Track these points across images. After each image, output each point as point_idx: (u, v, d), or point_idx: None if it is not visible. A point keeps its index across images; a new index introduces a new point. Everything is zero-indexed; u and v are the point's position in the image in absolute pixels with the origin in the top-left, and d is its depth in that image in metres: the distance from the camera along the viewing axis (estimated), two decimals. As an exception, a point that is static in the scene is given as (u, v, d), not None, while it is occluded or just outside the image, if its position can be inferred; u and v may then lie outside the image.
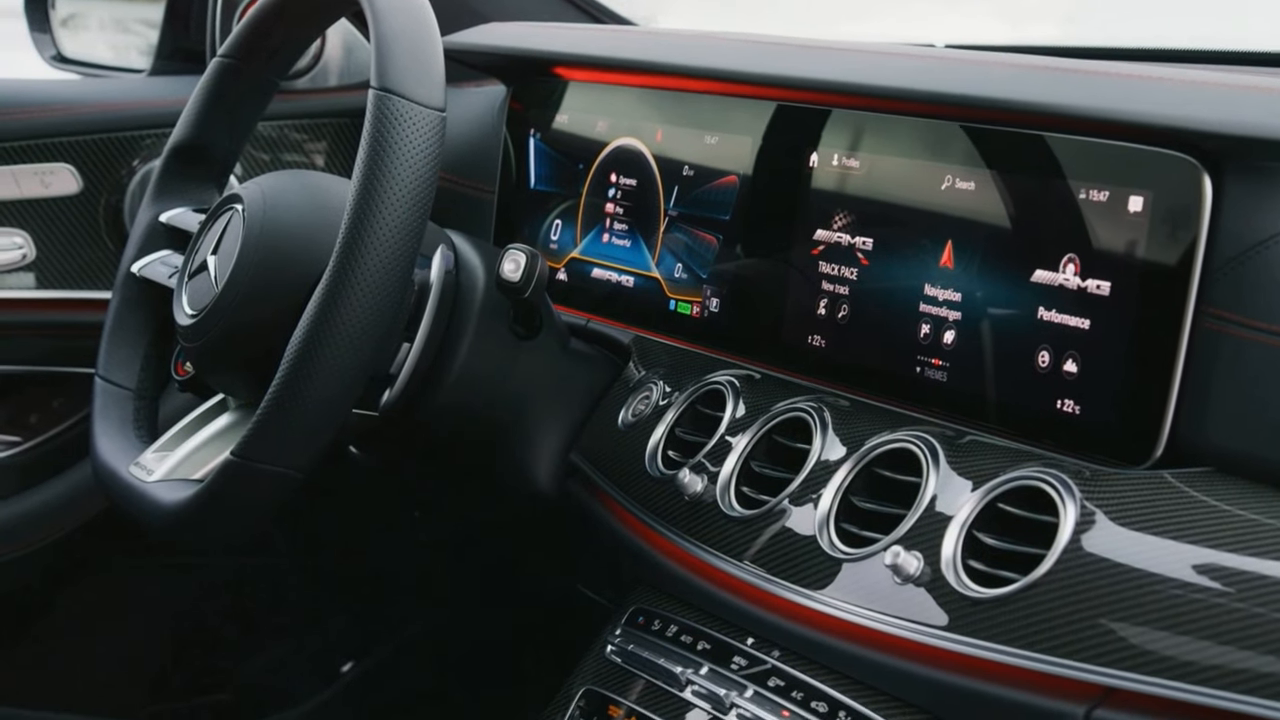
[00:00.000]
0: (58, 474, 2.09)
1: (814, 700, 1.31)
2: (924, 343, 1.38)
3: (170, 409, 1.70)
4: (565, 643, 1.63)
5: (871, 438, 1.37)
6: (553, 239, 1.81)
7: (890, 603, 1.26)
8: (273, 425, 1.36)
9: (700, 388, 1.55)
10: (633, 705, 1.44)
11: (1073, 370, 1.25)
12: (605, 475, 1.58)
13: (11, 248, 2.02)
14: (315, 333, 1.33)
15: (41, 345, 2.07)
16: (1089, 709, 1.12)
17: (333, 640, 2.33)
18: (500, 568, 2.15)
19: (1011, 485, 1.24)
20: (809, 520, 1.36)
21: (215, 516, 1.43)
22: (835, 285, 1.47)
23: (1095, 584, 1.14)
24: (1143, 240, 1.21)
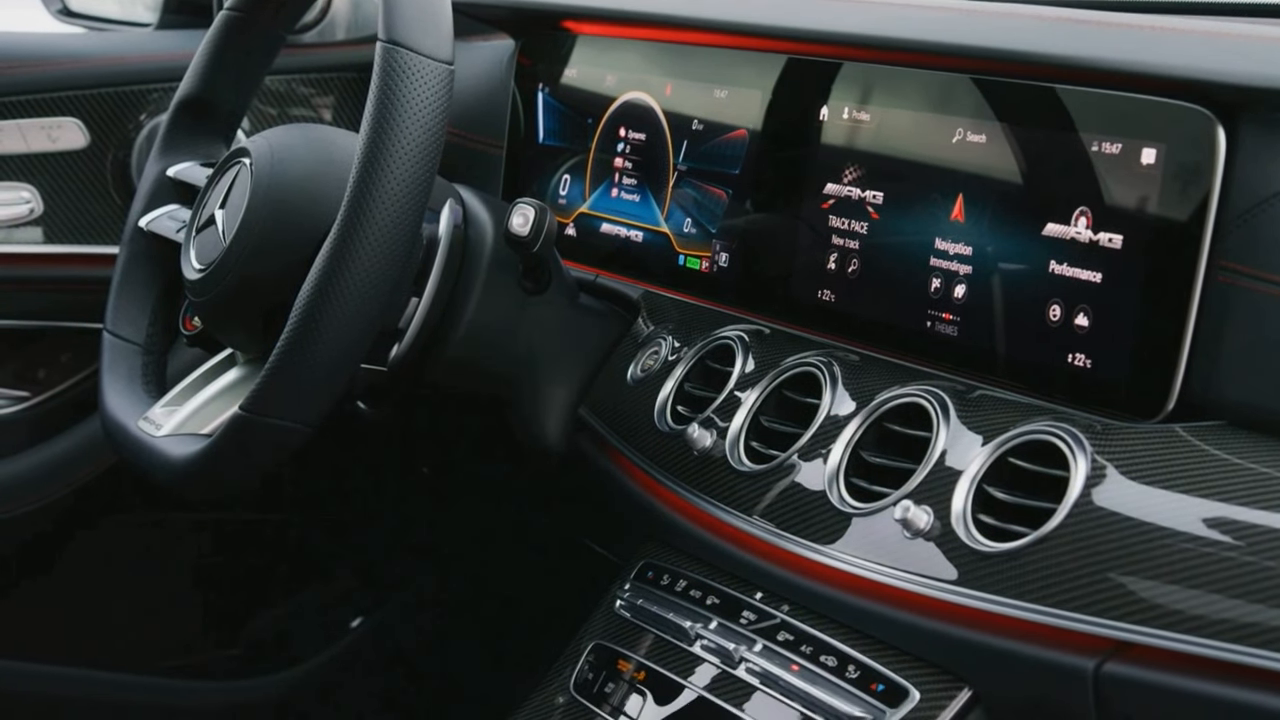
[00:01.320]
0: (66, 429, 2.09)
1: (823, 654, 1.31)
2: (934, 297, 1.37)
3: (178, 364, 1.70)
4: (574, 598, 1.62)
5: (881, 392, 1.36)
6: (561, 194, 1.80)
7: (900, 557, 1.26)
8: (281, 380, 1.36)
9: (709, 343, 1.55)
10: (642, 659, 1.44)
11: (1084, 324, 1.25)
12: (614, 430, 1.58)
13: (19, 202, 2.02)
14: (323, 287, 1.33)
15: (49, 300, 2.07)
16: (1100, 662, 1.12)
17: (342, 595, 2.33)
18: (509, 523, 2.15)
19: (1022, 439, 1.23)
20: (818, 475, 1.36)
21: (224, 471, 1.43)
22: (845, 239, 1.46)
23: (1106, 538, 1.13)
24: (1155, 193, 1.20)
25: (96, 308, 1.70)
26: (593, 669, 1.47)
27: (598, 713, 1.43)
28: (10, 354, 2.09)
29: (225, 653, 2.26)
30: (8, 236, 2.02)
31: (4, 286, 2.04)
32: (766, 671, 1.34)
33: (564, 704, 1.46)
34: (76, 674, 2.14)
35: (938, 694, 1.23)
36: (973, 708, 1.22)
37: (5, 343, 2.09)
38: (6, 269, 2.03)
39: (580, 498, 1.74)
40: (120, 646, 2.18)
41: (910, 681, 1.25)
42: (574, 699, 1.46)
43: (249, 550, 2.25)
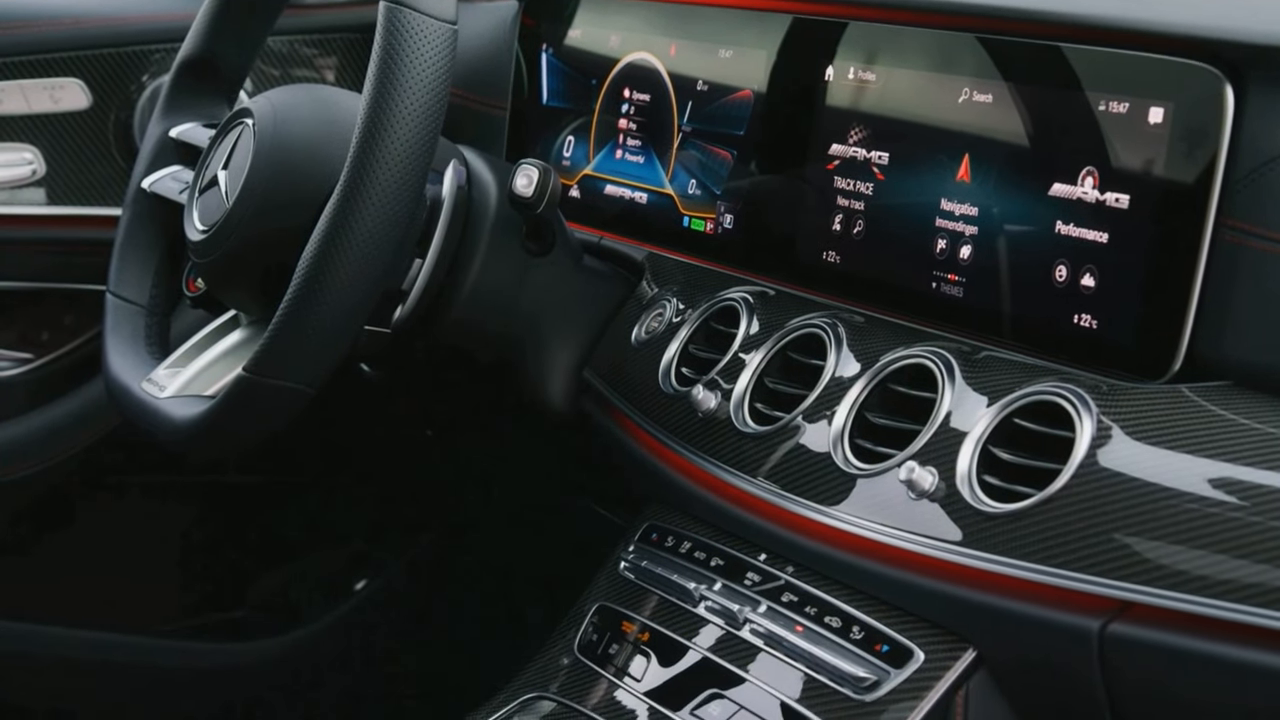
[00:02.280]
0: (70, 391, 2.09)
1: (827, 615, 1.31)
2: (940, 258, 1.36)
3: (182, 326, 1.70)
4: (578, 560, 1.63)
5: (886, 353, 1.36)
6: (565, 155, 1.80)
7: (905, 518, 1.26)
8: (284, 341, 1.36)
9: (714, 304, 1.54)
10: (646, 621, 1.44)
11: (1090, 284, 1.24)
12: (618, 392, 1.58)
13: (21, 163, 2.01)
14: (326, 248, 1.33)
15: (52, 261, 2.07)
16: (1105, 623, 1.12)
17: (345, 558, 2.33)
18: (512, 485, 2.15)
19: (1027, 400, 1.23)
20: (823, 436, 1.36)
21: (227, 432, 1.44)
22: (851, 200, 1.45)
23: (1111, 498, 1.13)
24: (1163, 152, 1.20)
25: (99, 269, 1.70)
26: (597, 630, 1.47)
27: (602, 674, 1.43)
28: (13, 316, 2.09)
29: (228, 615, 2.26)
30: (10, 198, 2.02)
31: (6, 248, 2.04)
32: (770, 632, 1.34)
33: (568, 665, 1.46)
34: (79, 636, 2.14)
35: (942, 655, 1.23)
36: (977, 668, 1.22)
37: (8, 304, 2.08)
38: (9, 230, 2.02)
39: (584, 460, 1.74)
40: (123, 608, 2.18)
41: (915, 642, 1.25)
42: (578, 660, 1.46)
43: (252, 513, 2.25)
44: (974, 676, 1.22)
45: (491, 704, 1.47)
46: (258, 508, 2.25)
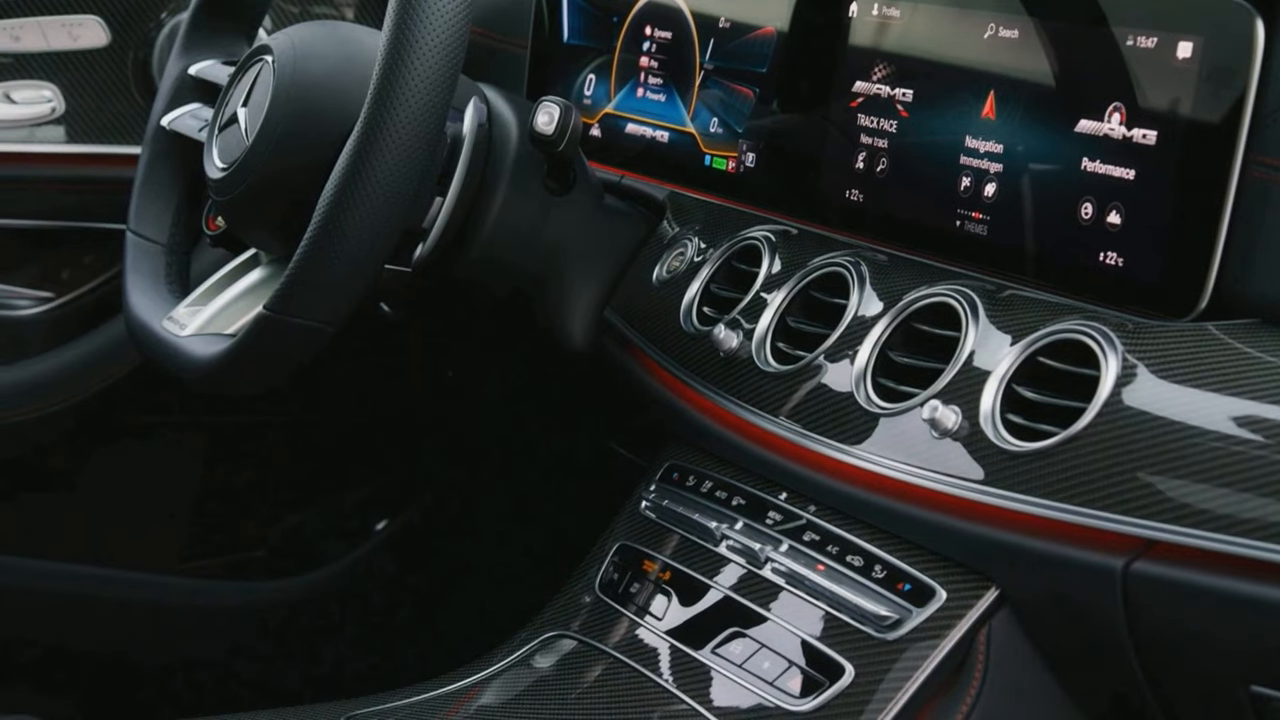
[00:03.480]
0: (91, 330, 2.09)
1: (849, 554, 1.31)
2: (964, 196, 1.35)
3: (202, 264, 1.69)
4: (599, 499, 1.63)
5: (909, 292, 1.35)
6: (586, 94, 1.79)
7: (927, 457, 1.25)
8: (305, 279, 1.36)
9: (736, 243, 1.54)
10: (667, 560, 1.44)
11: (1116, 222, 1.23)
12: (640, 332, 1.57)
13: (40, 101, 2.01)
14: (347, 185, 1.32)
15: (72, 200, 2.06)
16: (1128, 561, 1.11)
17: (366, 499, 2.34)
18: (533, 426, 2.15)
19: (1052, 338, 1.22)
20: (845, 375, 1.35)
21: (248, 370, 1.44)
22: (874, 138, 1.44)
23: (1136, 437, 1.12)
24: (1190, 87, 1.18)
25: (119, 208, 1.70)
26: (618, 569, 1.47)
27: (623, 612, 1.43)
28: (33, 254, 2.09)
29: (249, 554, 2.27)
30: (29, 135, 2.02)
31: (26, 186, 2.03)
32: (792, 571, 1.34)
33: (589, 604, 1.46)
34: (100, 573, 2.15)
35: (964, 593, 1.23)
36: (1000, 607, 1.22)
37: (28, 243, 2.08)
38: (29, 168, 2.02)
39: (605, 400, 1.74)
40: (142, 547, 2.19)
41: (937, 581, 1.25)
42: (599, 599, 1.46)
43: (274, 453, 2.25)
44: (996, 615, 1.22)
45: (512, 642, 1.48)
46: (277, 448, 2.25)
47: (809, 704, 1.26)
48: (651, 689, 1.35)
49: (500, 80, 1.74)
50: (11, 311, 2.09)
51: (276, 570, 2.27)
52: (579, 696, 1.38)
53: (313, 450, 2.28)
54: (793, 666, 1.29)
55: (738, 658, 1.32)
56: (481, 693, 1.42)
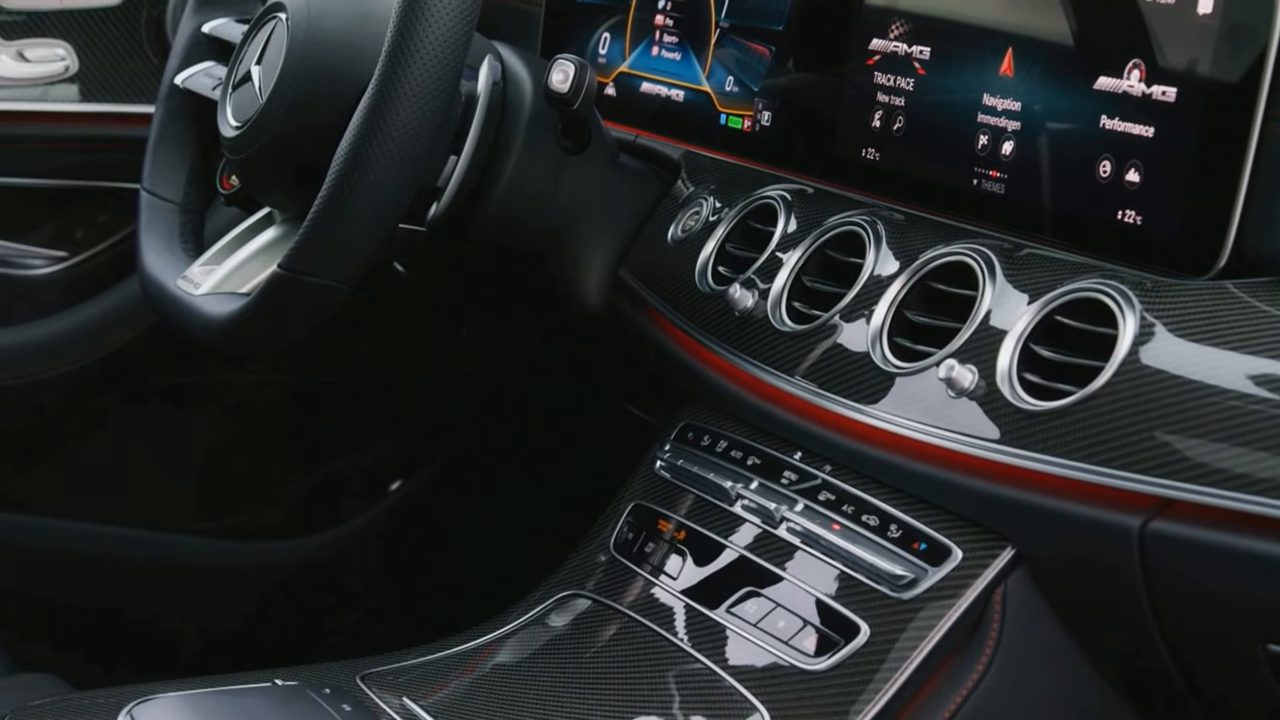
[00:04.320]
0: (105, 289, 2.09)
1: (865, 514, 1.31)
2: (981, 154, 1.35)
3: (217, 223, 1.69)
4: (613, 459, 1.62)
5: (926, 251, 1.34)
6: (601, 53, 1.78)
7: (943, 416, 1.25)
8: (319, 238, 1.35)
9: (751, 203, 1.53)
10: (682, 519, 1.44)
11: (1135, 180, 1.22)
12: (654, 291, 1.57)
13: (54, 59, 2.00)
14: (361, 143, 1.32)
15: (86, 159, 2.07)
16: (1146, 520, 1.11)
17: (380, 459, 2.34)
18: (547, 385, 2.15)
19: (1070, 297, 1.21)
20: (861, 335, 1.34)
21: (263, 329, 1.44)
22: (891, 96, 1.43)
23: (1154, 396, 1.12)
24: (1211, 44, 1.17)
25: (133, 167, 1.69)
26: (632, 529, 1.47)
27: (638, 572, 1.43)
28: (47, 214, 2.09)
29: (264, 514, 2.27)
30: (43, 94, 2.02)
31: (40, 145, 2.04)
32: (808, 531, 1.33)
33: (604, 563, 1.46)
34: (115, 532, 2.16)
35: (980, 553, 1.23)
36: (1015, 566, 1.21)
37: (42, 202, 2.09)
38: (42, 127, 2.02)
39: (619, 360, 1.73)
40: (159, 506, 2.19)
41: (952, 540, 1.24)
42: (614, 558, 1.46)
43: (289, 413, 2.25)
44: (1012, 574, 1.21)
45: (527, 602, 1.48)
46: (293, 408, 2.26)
47: (824, 663, 1.25)
48: (666, 648, 1.35)
49: (515, 38, 1.73)
50: (26, 271, 2.09)
51: (291, 530, 2.27)
52: (594, 655, 1.38)
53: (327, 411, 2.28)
54: (808, 626, 1.29)
55: (753, 617, 1.32)
56: (496, 652, 1.43)
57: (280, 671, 1.35)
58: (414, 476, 2.33)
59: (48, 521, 2.13)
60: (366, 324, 2.09)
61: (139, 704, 1.25)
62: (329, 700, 1.28)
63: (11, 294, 2.09)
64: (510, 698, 1.35)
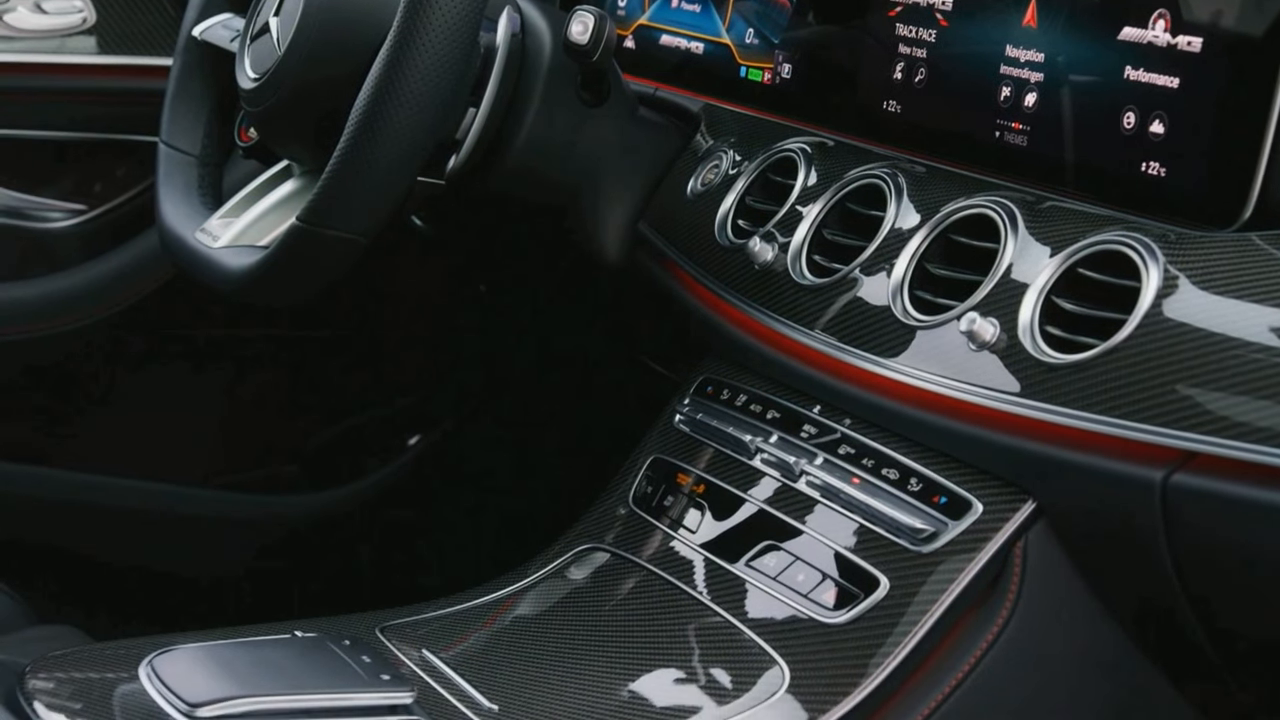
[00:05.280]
0: (123, 242, 2.09)
1: (885, 467, 1.30)
2: (1004, 106, 1.34)
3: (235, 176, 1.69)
4: (631, 413, 1.62)
5: (948, 203, 1.34)
6: (620, 5, 1.77)
7: (965, 370, 1.24)
8: (338, 190, 1.35)
9: (771, 155, 1.52)
10: (701, 473, 1.43)
11: (1159, 131, 1.21)
12: (673, 245, 1.56)
13: (71, 11, 2.00)
14: (380, 95, 1.31)
15: (104, 112, 2.06)
16: (1168, 473, 1.10)
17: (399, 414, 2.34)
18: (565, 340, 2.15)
19: (1093, 250, 1.20)
20: (882, 288, 1.34)
21: (282, 281, 1.44)
22: (912, 48, 1.42)
23: (1177, 348, 1.11)
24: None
25: (151, 120, 1.69)
26: (651, 483, 1.47)
27: (657, 525, 1.43)
28: (66, 167, 2.09)
29: (282, 468, 2.27)
30: (60, 46, 2.01)
31: (58, 97, 2.03)
32: (827, 485, 1.33)
33: (624, 516, 1.46)
34: (133, 486, 2.16)
35: (1001, 506, 1.22)
36: (1036, 520, 1.21)
37: (60, 155, 2.08)
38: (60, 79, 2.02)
39: (639, 313, 1.73)
40: (178, 460, 2.20)
41: (973, 494, 1.24)
42: (633, 512, 1.46)
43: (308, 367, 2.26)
44: (1033, 528, 1.21)
45: (546, 555, 1.48)
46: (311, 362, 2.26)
47: (843, 616, 1.25)
48: (685, 601, 1.35)
49: (533, -9, 1.72)
50: (44, 224, 2.09)
51: (309, 484, 2.27)
52: (613, 608, 1.38)
53: (345, 365, 2.28)
54: (827, 579, 1.28)
55: (772, 570, 1.32)
56: (515, 605, 1.43)
57: (300, 623, 1.35)
58: (433, 431, 2.33)
59: (66, 475, 2.14)
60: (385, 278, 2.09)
61: (159, 654, 1.25)
62: (348, 652, 1.28)
63: (30, 247, 2.08)
64: (529, 650, 1.35)
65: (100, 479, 2.15)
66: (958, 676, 1.21)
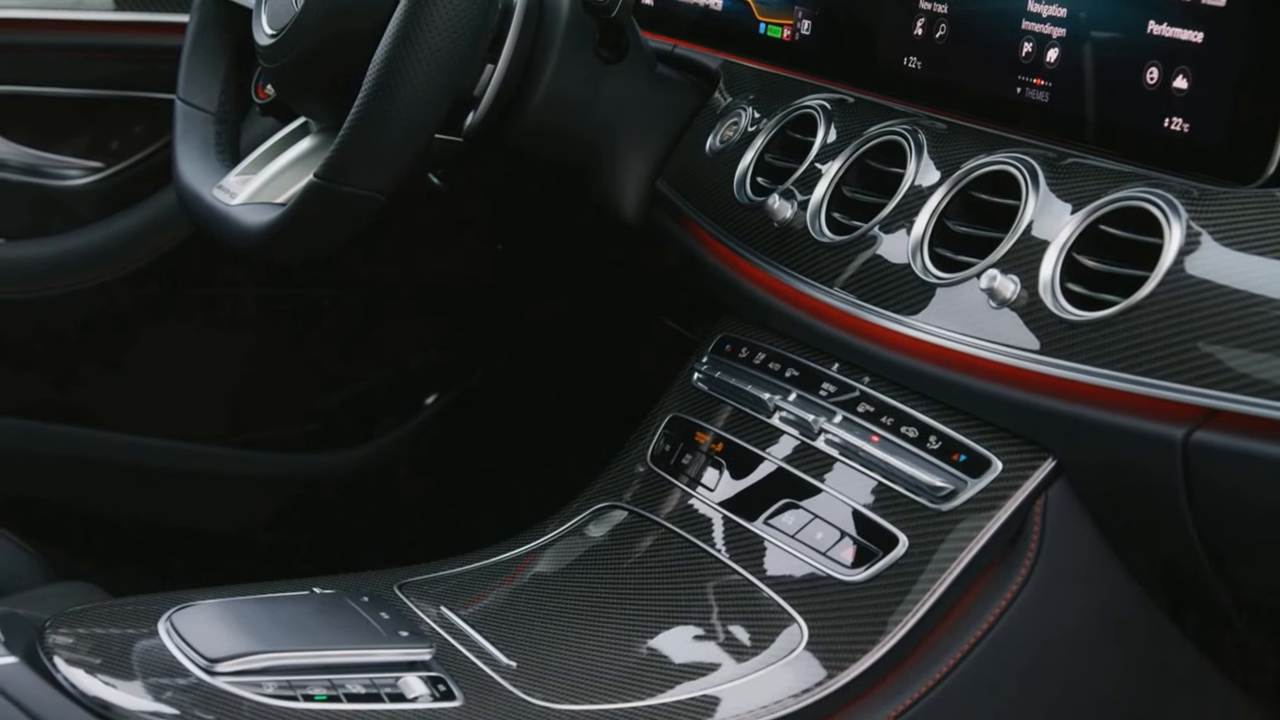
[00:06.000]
0: (141, 199, 2.09)
1: (904, 425, 1.30)
2: (1025, 62, 1.33)
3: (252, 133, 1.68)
4: (649, 372, 1.62)
5: (968, 160, 1.33)
6: (639, -39, 1.76)
7: (985, 327, 1.24)
8: (355, 147, 1.35)
9: (790, 112, 1.51)
10: (719, 431, 1.43)
11: (1183, 86, 1.20)
12: (692, 202, 1.56)
13: (88, -34, 2.00)
14: (397, 51, 1.31)
15: (121, 69, 2.06)
16: (1189, 430, 1.10)
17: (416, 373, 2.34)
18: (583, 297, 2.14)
19: (1115, 206, 1.20)
20: (902, 245, 1.33)
21: (299, 238, 1.44)
22: (933, 3, 1.41)
23: (1199, 305, 1.10)
24: (1263, -54, 1.15)
25: (168, 77, 1.68)
26: (669, 441, 1.47)
27: (675, 483, 1.43)
28: (83, 124, 2.09)
29: (301, 426, 2.28)
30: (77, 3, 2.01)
31: (74, 54, 2.03)
32: (846, 443, 1.33)
33: (642, 474, 1.46)
34: (151, 443, 2.16)
35: (1020, 464, 1.22)
36: (1056, 478, 1.21)
37: (77, 112, 2.08)
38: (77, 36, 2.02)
39: (656, 272, 1.73)
40: (196, 417, 2.20)
41: (993, 452, 1.24)
42: (651, 470, 1.46)
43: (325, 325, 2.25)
44: (1053, 486, 1.21)
45: (564, 513, 1.48)
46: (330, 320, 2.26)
47: (862, 574, 1.25)
48: (704, 559, 1.35)
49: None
50: (61, 181, 2.09)
51: (328, 442, 2.28)
52: (631, 566, 1.38)
53: (363, 324, 2.28)
54: (845, 537, 1.28)
55: (790, 528, 1.32)
56: (533, 562, 1.43)
57: (318, 580, 1.35)
58: (449, 390, 2.33)
59: (84, 432, 2.14)
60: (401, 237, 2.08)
61: (178, 610, 1.26)
62: (367, 608, 1.28)
63: (47, 205, 2.08)
64: (547, 607, 1.35)
65: (118, 436, 2.15)
66: (976, 634, 1.21)
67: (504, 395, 2.33)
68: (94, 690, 1.16)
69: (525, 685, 1.23)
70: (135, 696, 1.16)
